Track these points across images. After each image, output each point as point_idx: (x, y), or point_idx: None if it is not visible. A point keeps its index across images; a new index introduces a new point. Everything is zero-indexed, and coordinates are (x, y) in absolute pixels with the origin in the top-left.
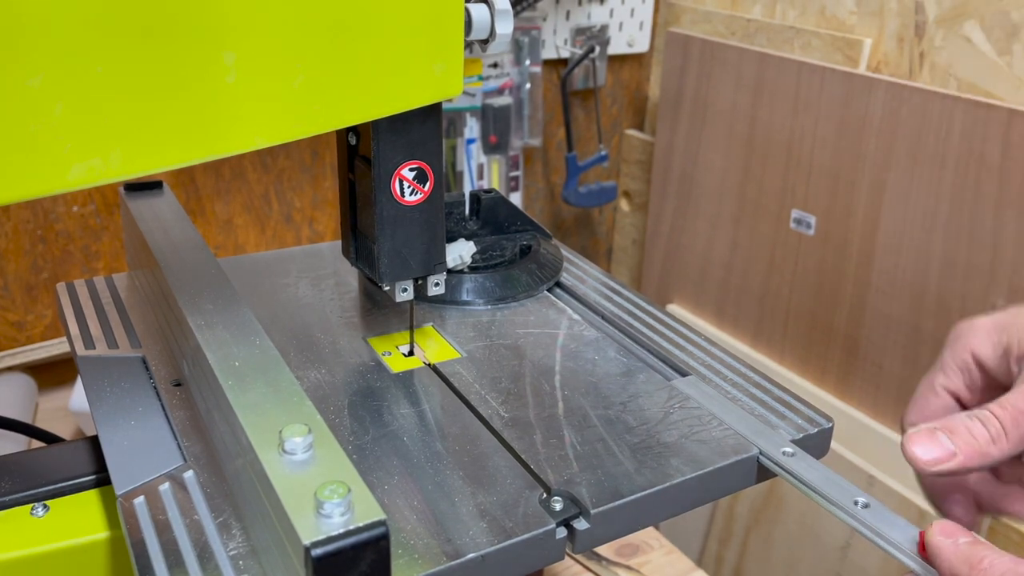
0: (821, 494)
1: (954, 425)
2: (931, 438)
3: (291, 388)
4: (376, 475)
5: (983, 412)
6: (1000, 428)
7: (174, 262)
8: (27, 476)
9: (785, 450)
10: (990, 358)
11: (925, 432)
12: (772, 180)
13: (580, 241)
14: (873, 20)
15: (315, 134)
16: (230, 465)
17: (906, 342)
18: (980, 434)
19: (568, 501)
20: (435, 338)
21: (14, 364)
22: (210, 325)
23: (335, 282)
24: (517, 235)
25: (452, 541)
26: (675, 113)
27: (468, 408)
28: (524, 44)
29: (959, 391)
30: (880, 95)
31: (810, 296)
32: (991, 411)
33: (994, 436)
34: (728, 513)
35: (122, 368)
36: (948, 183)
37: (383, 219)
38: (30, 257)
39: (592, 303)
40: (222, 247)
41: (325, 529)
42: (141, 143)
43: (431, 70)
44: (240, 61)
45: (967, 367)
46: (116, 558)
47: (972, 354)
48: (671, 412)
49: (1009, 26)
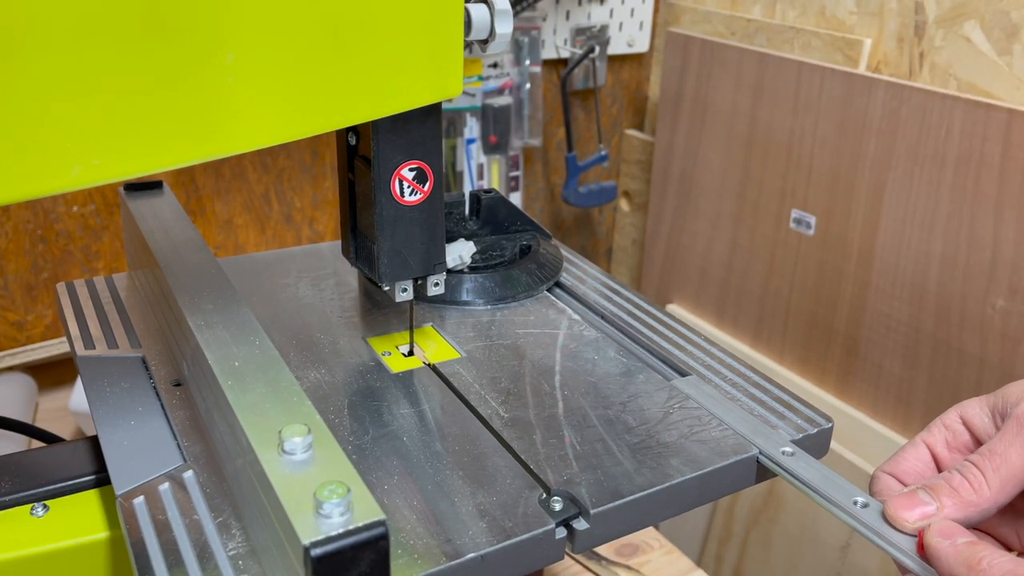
0: (821, 494)
1: (934, 483)
2: (911, 498)
3: (291, 388)
4: (376, 475)
5: (963, 463)
6: (981, 476)
7: (174, 262)
8: (27, 476)
9: (785, 450)
10: (977, 416)
11: (904, 495)
12: (772, 180)
13: (580, 241)
14: (873, 20)
15: (315, 134)
16: (230, 465)
17: (906, 342)
18: (960, 484)
19: (568, 501)
20: (435, 338)
21: (14, 364)
22: (210, 325)
23: (335, 282)
24: (517, 235)
25: (452, 541)
26: (675, 113)
27: (468, 408)
28: (524, 44)
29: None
30: (880, 95)
31: (810, 296)
32: (970, 460)
33: (975, 485)
34: (728, 513)
35: (122, 368)
36: (948, 183)
37: (383, 219)
38: (30, 257)
39: (592, 303)
40: (222, 247)
41: (324, 529)
42: (141, 143)
43: (431, 70)
44: (240, 61)
45: (952, 426)
46: (116, 558)
47: (960, 415)
48: (671, 412)
49: (1009, 26)
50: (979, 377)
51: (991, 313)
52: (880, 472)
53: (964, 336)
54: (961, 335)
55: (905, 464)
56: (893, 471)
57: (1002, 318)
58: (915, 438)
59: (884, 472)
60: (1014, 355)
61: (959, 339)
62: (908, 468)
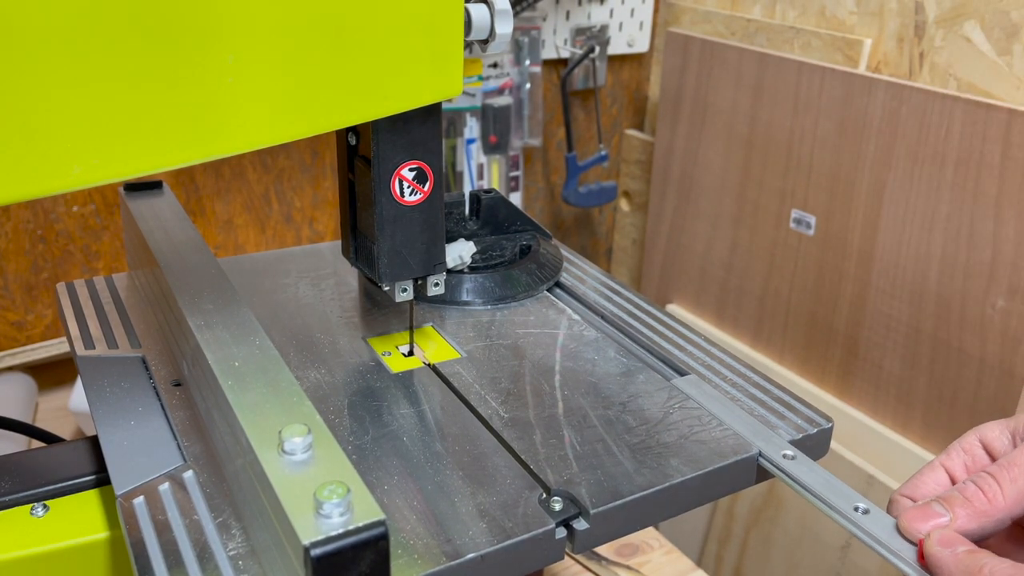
0: (821, 499)
1: (948, 494)
2: (925, 510)
3: (291, 388)
4: (376, 475)
5: (978, 474)
6: (996, 486)
7: (174, 262)
8: (27, 476)
9: (786, 453)
10: (996, 439)
11: (918, 507)
12: (772, 180)
13: (580, 241)
14: (873, 20)
15: (315, 134)
16: (230, 465)
17: (906, 342)
18: (974, 495)
19: (568, 501)
20: (435, 338)
21: (14, 364)
22: (210, 325)
23: (335, 282)
24: (517, 235)
25: (452, 541)
26: (675, 113)
27: (468, 408)
28: (524, 44)
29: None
30: (880, 95)
31: (810, 296)
32: (987, 471)
33: (989, 495)
34: (728, 513)
35: (122, 368)
36: (948, 183)
37: (383, 219)
38: (30, 257)
39: (592, 303)
40: (222, 247)
41: (324, 529)
42: (141, 143)
43: (431, 70)
44: (240, 62)
45: (971, 449)
46: (116, 558)
47: (980, 438)
48: (671, 412)
49: (1009, 26)
50: (979, 377)
51: (991, 313)
52: (898, 495)
53: (964, 336)
54: (961, 335)
55: (924, 487)
56: (911, 494)
57: (1002, 318)
58: (933, 461)
59: (902, 495)
60: (1014, 355)
61: (959, 339)
62: (927, 492)
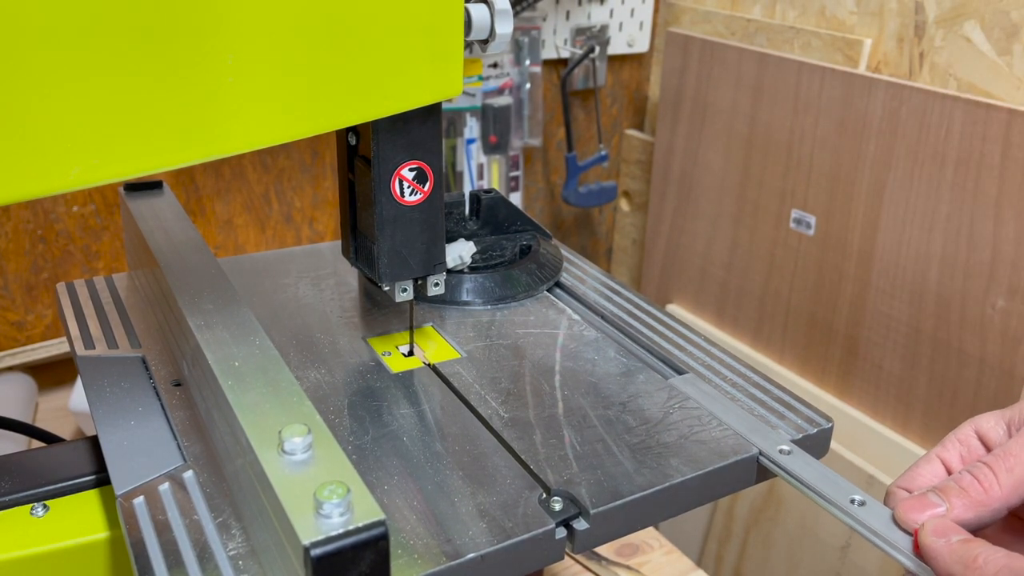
0: (817, 492)
1: (944, 484)
2: (921, 500)
3: (291, 388)
4: (376, 475)
5: (974, 464)
6: (992, 475)
7: (174, 262)
8: (27, 476)
9: (782, 448)
10: (992, 430)
11: (914, 497)
12: (772, 180)
13: (580, 241)
14: (873, 20)
15: (315, 134)
16: (230, 465)
17: (906, 342)
18: (970, 484)
19: (568, 501)
20: (435, 338)
21: (14, 364)
22: (210, 325)
23: (335, 282)
24: (517, 235)
25: (452, 541)
26: (675, 113)
27: (468, 408)
28: (524, 44)
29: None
30: (880, 95)
31: (810, 296)
32: (983, 461)
33: (985, 485)
34: (728, 513)
35: (122, 368)
36: (948, 183)
37: (383, 219)
38: (30, 257)
39: (592, 303)
40: (222, 247)
41: (324, 529)
42: (141, 143)
43: (431, 70)
44: (240, 62)
45: (967, 440)
46: (116, 558)
47: (975, 429)
48: (671, 412)
49: (1009, 26)
50: (979, 377)
51: (991, 313)
52: (894, 487)
53: (964, 336)
54: (961, 335)
55: (920, 479)
56: (907, 486)
57: (1002, 318)
58: (929, 453)
59: (898, 487)
60: (1014, 355)
61: (959, 339)
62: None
